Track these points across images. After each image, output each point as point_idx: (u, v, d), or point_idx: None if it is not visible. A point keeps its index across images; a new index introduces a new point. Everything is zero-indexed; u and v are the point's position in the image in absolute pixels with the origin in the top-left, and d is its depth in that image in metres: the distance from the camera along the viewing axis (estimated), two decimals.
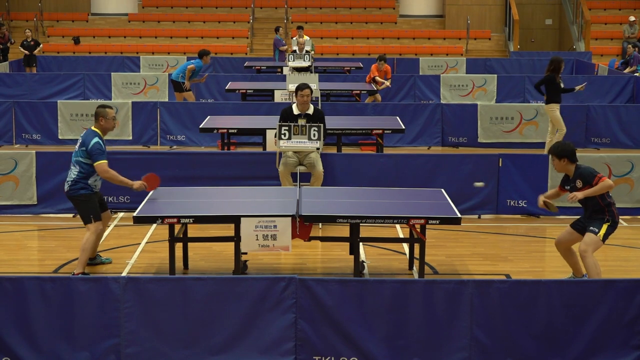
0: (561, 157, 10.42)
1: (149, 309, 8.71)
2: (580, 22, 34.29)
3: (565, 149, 10.45)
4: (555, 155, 10.45)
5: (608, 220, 10.34)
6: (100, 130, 11.16)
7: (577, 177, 10.40)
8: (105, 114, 11.14)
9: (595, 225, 10.34)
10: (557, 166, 10.51)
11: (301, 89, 13.98)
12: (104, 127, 11.19)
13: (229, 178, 14.08)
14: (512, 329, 8.71)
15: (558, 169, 10.56)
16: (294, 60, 24.11)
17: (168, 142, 19.93)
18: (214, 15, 36.18)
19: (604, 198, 10.34)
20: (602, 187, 10.25)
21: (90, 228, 11.04)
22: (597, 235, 10.28)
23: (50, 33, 34.92)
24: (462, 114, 20.20)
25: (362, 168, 14.37)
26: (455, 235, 13.26)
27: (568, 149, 10.44)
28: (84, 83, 25.04)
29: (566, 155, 10.42)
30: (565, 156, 10.42)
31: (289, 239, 10.39)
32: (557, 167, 10.52)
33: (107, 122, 11.17)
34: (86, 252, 10.99)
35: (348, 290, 8.72)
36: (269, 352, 8.72)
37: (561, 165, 10.48)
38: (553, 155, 10.49)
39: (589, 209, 10.42)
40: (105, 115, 11.14)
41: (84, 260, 11.01)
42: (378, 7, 36.74)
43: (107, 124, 11.19)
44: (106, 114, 11.15)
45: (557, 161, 10.46)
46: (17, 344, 8.63)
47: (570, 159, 10.43)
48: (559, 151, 10.44)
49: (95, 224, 11.06)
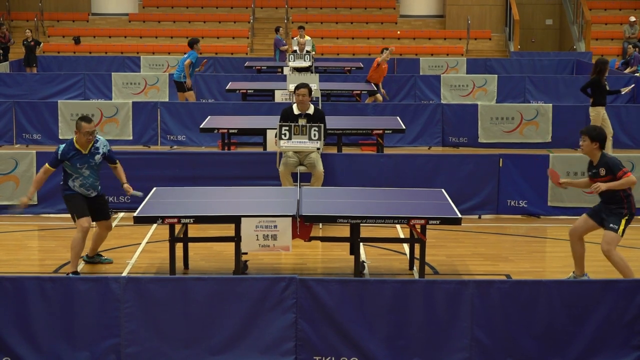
0: (594, 140, 10.40)
1: (150, 309, 8.70)
2: (580, 22, 34.28)
3: (601, 133, 10.46)
4: (589, 136, 10.41)
5: (626, 215, 10.34)
6: (77, 142, 11.08)
7: (601, 165, 10.40)
8: (79, 127, 11.05)
9: (614, 221, 10.33)
10: (586, 148, 10.46)
11: (298, 88, 14.01)
12: (78, 139, 11.08)
13: (230, 178, 14.07)
14: (513, 329, 8.71)
15: (585, 151, 10.50)
16: (295, 61, 24.10)
17: (168, 142, 19.93)
18: (214, 15, 36.18)
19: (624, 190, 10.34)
20: (626, 183, 10.27)
21: (77, 226, 11.05)
22: (617, 232, 10.30)
23: (50, 33, 34.92)
24: (463, 114, 20.20)
25: (362, 168, 14.37)
26: (455, 236, 13.25)
27: (603, 135, 10.46)
28: (85, 83, 25.04)
29: (599, 139, 10.41)
30: (598, 140, 10.41)
31: (289, 239, 10.38)
32: (586, 149, 10.47)
33: (79, 135, 11.05)
34: (73, 249, 11.01)
35: (348, 290, 8.72)
36: (270, 352, 8.72)
37: (590, 148, 10.44)
38: (586, 136, 10.43)
39: (608, 196, 10.38)
40: (78, 129, 11.05)
41: (73, 258, 11.03)
42: (378, 7, 36.74)
43: (79, 137, 11.06)
44: (80, 127, 11.04)
45: (588, 142, 10.41)
46: (17, 343, 8.63)
47: (601, 145, 10.43)
48: (594, 134, 10.43)
49: (79, 221, 11.03)
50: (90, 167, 11.15)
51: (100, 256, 11.77)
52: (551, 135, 19.95)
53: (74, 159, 11.06)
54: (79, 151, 11.08)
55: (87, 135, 11.05)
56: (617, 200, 10.35)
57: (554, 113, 20.00)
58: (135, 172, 14.16)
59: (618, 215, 10.34)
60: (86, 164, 11.12)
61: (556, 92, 24.64)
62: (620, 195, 10.34)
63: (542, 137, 19.90)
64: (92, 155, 11.17)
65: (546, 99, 24.21)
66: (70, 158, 11.06)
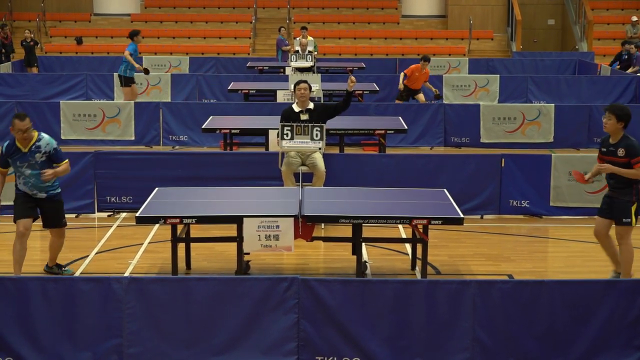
0: (620, 119, 10.29)
1: (152, 309, 8.71)
2: (582, 22, 34.27)
3: (628, 112, 10.33)
4: (616, 115, 10.29)
5: (634, 203, 10.34)
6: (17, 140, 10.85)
7: (621, 146, 10.31)
8: (12, 125, 10.79)
9: (625, 214, 10.33)
10: (611, 126, 10.33)
11: (298, 84, 14.05)
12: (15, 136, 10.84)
13: (232, 178, 14.07)
14: (515, 329, 8.71)
15: (608, 128, 10.38)
16: (297, 61, 24.10)
17: (170, 143, 19.94)
18: (216, 16, 36.18)
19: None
20: (634, 174, 10.23)
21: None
22: (631, 224, 10.33)
23: (52, 33, 34.93)
24: (465, 114, 20.19)
25: (364, 168, 14.37)
26: (457, 236, 13.25)
27: (629, 114, 10.33)
28: (87, 83, 25.04)
29: (625, 119, 10.31)
30: (624, 120, 10.31)
31: (291, 239, 10.39)
32: (610, 127, 10.34)
33: (13, 132, 10.78)
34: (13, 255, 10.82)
35: (350, 290, 8.72)
36: (271, 353, 8.72)
37: (615, 127, 10.33)
38: (612, 114, 10.31)
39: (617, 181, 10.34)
40: (12, 126, 10.78)
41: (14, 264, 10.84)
42: (380, 7, 36.72)
43: (14, 134, 10.78)
44: (13, 124, 10.78)
45: (614, 121, 10.28)
46: (19, 344, 8.64)
47: (626, 124, 10.33)
48: (622, 113, 10.30)
49: (16, 223, 10.88)
50: (31, 166, 10.80)
51: (60, 267, 11.43)
52: (553, 135, 19.94)
53: (14, 156, 10.80)
54: (19, 149, 10.80)
55: (20, 133, 10.73)
56: (627, 185, 10.31)
57: (556, 113, 19.99)
58: (137, 173, 14.23)
59: (627, 206, 10.32)
60: (26, 163, 10.79)
61: (558, 92, 24.62)
62: (631, 184, 10.30)
63: (544, 137, 19.89)
64: (32, 153, 10.80)
65: (548, 99, 24.19)
66: (11, 155, 10.80)
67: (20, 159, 10.81)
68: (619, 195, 10.37)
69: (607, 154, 10.40)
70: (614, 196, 10.43)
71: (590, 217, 14.16)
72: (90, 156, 14.22)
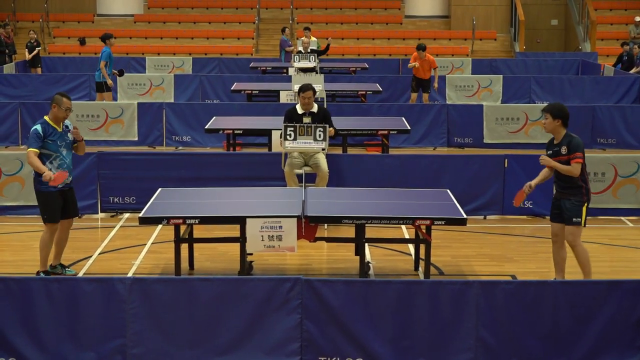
0: (556, 117, 10.35)
1: (155, 310, 8.71)
2: (586, 22, 34.25)
3: (563, 109, 10.40)
4: (551, 114, 10.36)
5: (584, 202, 10.35)
6: (52, 118, 10.94)
7: (564, 144, 10.35)
8: (60, 102, 10.91)
9: (575, 214, 10.32)
10: (549, 125, 10.40)
11: (303, 91, 13.98)
12: (55, 115, 10.94)
13: (235, 179, 14.08)
14: (518, 329, 8.70)
15: (548, 129, 10.45)
16: (300, 61, 24.10)
17: (174, 143, 19.95)
18: (219, 16, 36.20)
19: (583, 174, 10.32)
20: (570, 171, 10.26)
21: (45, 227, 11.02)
22: (581, 224, 10.33)
23: (56, 34, 34.96)
24: (468, 114, 20.19)
25: (367, 169, 14.37)
26: (460, 236, 13.25)
27: (565, 111, 10.39)
28: (90, 84, 25.01)
29: (562, 117, 10.36)
30: (560, 117, 10.36)
31: (294, 239, 10.39)
32: (549, 126, 10.41)
33: (58, 110, 10.90)
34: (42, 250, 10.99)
35: (353, 290, 8.72)
36: (275, 353, 8.72)
37: (553, 126, 10.39)
38: (548, 113, 10.37)
39: (565, 181, 10.36)
40: (59, 104, 10.91)
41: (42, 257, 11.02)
42: (383, 7, 36.73)
43: (59, 112, 10.91)
44: (61, 102, 10.92)
45: (550, 120, 10.36)
46: (23, 344, 8.64)
47: (564, 122, 10.38)
48: (556, 111, 10.36)
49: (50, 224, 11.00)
50: (67, 146, 10.98)
51: (63, 267, 11.42)
52: None
53: (53, 137, 10.86)
54: (55, 129, 10.91)
55: (68, 111, 10.94)
56: (576, 186, 10.33)
57: None
58: (140, 173, 14.23)
59: (578, 206, 10.32)
60: (64, 142, 10.94)
61: (561, 93, 24.61)
62: (579, 183, 10.31)
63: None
64: (65, 132, 11.00)
65: (551, 99, 24.14)
66: (49, 136, 10.84)
67: (59, 139, 10.92)
68: (568, 195, 10.37)
69: (553, 155, 10.46)
70: (563, 197, 10.42)
71: (593, 218, 14.18)
72: (93, 157, 14.23)
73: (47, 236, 10.97)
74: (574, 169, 10.26)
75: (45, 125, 10.90)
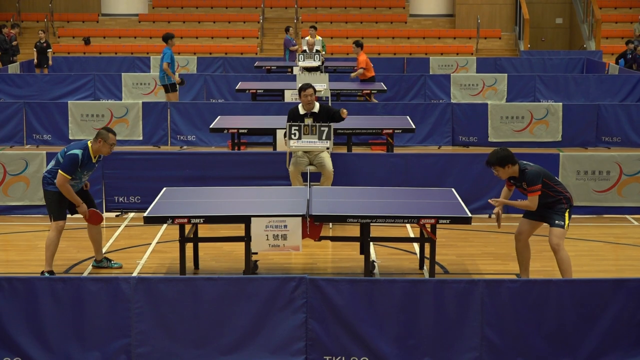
0: (505, 165, 10.31)
1: (160, 309, 8.72)
2: (590, 20, 34.22)
3: (503, 155, 10.30)
4: (498, 164, 10.31)
5: (567, 208, 10.35)
6: (93, 150, 11.01)
7: (523, 179, 10.34)
8: (106, 138, 10.97)
9: (559, 218, 10.34)
10: (503, 174, 10.36)
11: (304, 89, 13.99)
12: (99, 150, 11.02)
13: (239, 178, 14.09)
14: (523, 328, 8.70)
15: (504, 176, 10.42)
16: (304, 60, 24.11)
17: (178, 142, 19.96)
18: (224, 16, 36.21)
19: (552, 189, 10.32)
20: (527, 206, 10.29)
21: (52, 226, 11.06)
22: (564, 227, 10.31)
23: (60, 34, 34.99)
24: (473, 113, 20.17)
25: (372, 168, 14.36)
26: (465, 235, 13.24)
27: (506, 154, 10.31)
28: (95, 84, 25.09)
29: (508, 161, 10.30)
30: (508, 162, 10.31)
31: (299, 238, 10.39)
32: (503, 174, 10.37)
33: (104, 145, 10.98)
34: (47, 249, 11.03)
35: (358, 290, 8.71)
36: (280, 352, 8.73)
37: (507, 172, 10.36)
38: (495, 165, 10.33)
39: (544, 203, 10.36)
40: (105, 139, 10.97)
41: (48, 256, 11.05)
42: (388, 6, 36.72)
43: (103, 147, 11.00)
44: (107, 138, 10.97)
45: (502, 170, 10.33)
46: (28, 344, 8.65)
47: (512, 162, 10.33)
48: (499, 160, 10.29)
49: (56, 222, 11.03)
50: (89, 174, 11.20)
51: (109, 260, 11.64)
52: (561, 134, 19.91)
53: (86, 165, 11.01)
54: (90, 159, 11.03)
55: (112, 147, 11.08)
56: (555, 201, 10.35)
57: (564, 112, 19.96)
58: (145, 173, 14.24)
59: (561, 211, 10.34)
60: (90, 172, 11.17)
61: (566, 91, 24.60)
62: (554, 197, 10.32)
63: (552, 136, 19.87)
64: (97, 163, 11.19)
65: (556, 97, 24.18)
66: (84, 165, 10.99)
67: (88, 168, 11.05)
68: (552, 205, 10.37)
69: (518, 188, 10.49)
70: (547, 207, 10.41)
71: (598, 216, 14.18)
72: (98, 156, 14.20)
73: (53, 235, 11.01)
74: (530, 202, 10.30)
75: (87, 153, 10.98)
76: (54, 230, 11.00)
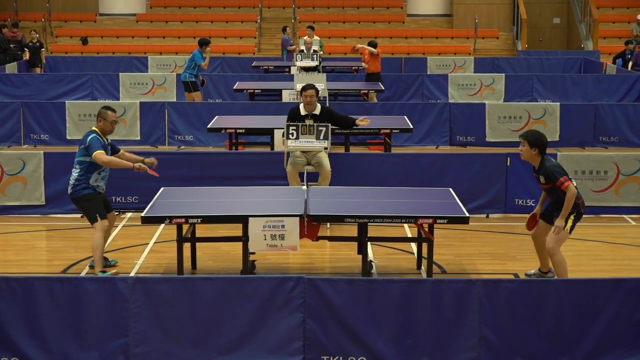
0: (533, 146, 10.32)
1: (158, 309, 8.71)
2: (588, 20, 34.24)
3: (540, 138, 10.34)
4: (529, 141, 10.31)
5: (574, 212, 10.29)
6: (99, 130, 11.21)
7: (541, 173, 10.33)
8: (105, 116, 11.21)
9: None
10: (525, 152, 10.36)
11: (305, 90, 13.99)
12: (102, 129, 11.22)
13: (237, 178, 14.08)
14: (521, 328, 8.70)
15: (525, 156, 10.42)
16: (302, 60, 24.10)
17: (176, 142, 19.95)
18: (221, 15, 36.20)
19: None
20: (570, 198, 10.14)
21: (97, 227, 11.06)
22: (565, 229, 10.26)
23: (58, 33, 34.97)
24: (470, 113, 20.18)
25: (370, 167, 14.36)
26: (463, 235, 13.24)
27: (543, 140, 10.34)
28: (92, 83, 25.07)
29: (539, 145, 10.31)
30: (537, 146, 10.32)
31: (297, 238, 10.39)
32: (525, 154, 10.37)
33: (105, 124, 11.22)
34: (97, 250, 11.05)
35: (356, 289, 8.71)
36: (278, 352, 8.72)
37: (529, 153, 10.35)
38: (526, 140, 10.33)
39: (556, 200, 10.36)
40: (105, 117, 11.21)
41: (98, 258, 11.06)
42: (386, 6, 36.72)
43: (105, 125, 11.22)
44: (107, 116, 11.21)
45: (527, 148, 10.32)
46: (25, 344, 8.64)
47: (541, 151, 10.34)
48: (534, 139, 10.32)
49: (101, 222, 11.07)
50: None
51: (106, 260, 11.62)
52: (559, 134, 19.91)
53: (105, 147, 11.16)
54: (104, 141, 11.22)
55: (114, 124, 11.26)
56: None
57: (561, 112, 19.96)
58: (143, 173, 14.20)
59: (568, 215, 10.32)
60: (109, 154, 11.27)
61: (564, 91, 24.62)
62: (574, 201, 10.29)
63: (550, 135, 19.81)
64: (109, 144, 11.35)
65: (554, 97, 24.19)
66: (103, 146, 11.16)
67: (105, 149, 11.19)
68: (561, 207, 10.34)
69: (537, 180, 10.44)
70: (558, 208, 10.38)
71: (596, 216, 14.18)
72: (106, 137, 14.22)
73: (99, 235, 11.06)
74: (569, 194, 10.17)
75: (97, 135, 11.17)
76: (100, 231, 11.04)
